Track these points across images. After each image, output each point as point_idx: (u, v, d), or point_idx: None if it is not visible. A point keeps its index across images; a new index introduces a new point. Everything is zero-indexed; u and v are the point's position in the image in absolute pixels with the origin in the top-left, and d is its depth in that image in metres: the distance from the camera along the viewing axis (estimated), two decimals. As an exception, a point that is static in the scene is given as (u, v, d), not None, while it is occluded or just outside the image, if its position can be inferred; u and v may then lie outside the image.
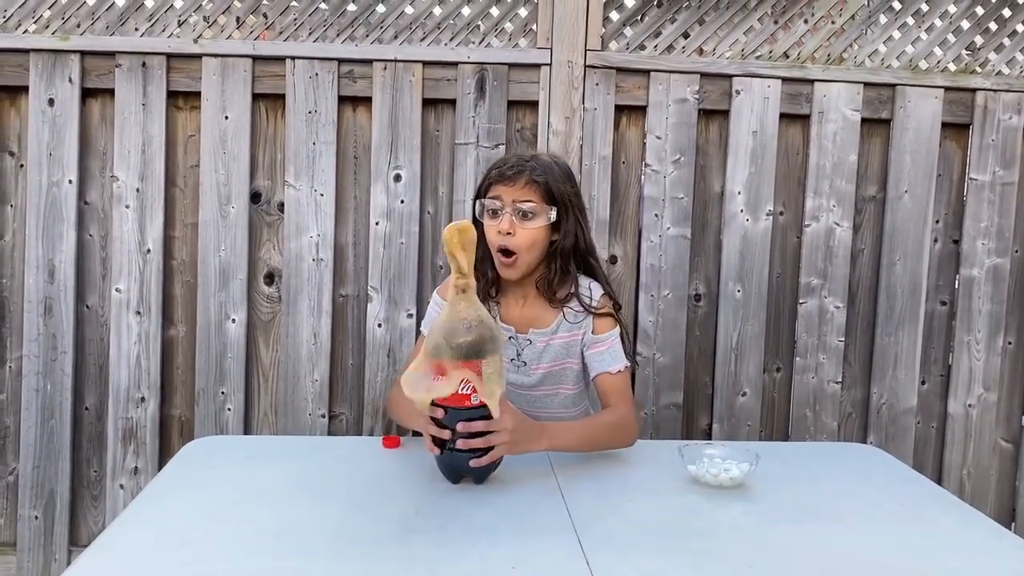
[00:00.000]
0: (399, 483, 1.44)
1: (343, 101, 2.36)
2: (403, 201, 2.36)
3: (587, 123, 2.36)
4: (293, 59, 2.32)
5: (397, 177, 2.35)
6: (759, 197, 2.41)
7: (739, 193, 2.41)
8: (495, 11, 2.36)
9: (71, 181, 2.32)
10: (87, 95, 2.34)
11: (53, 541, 2.37)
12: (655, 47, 2.39)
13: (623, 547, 1.21)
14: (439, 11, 2.35)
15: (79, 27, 2.31)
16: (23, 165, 2.35)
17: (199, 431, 2.35)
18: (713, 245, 2.45)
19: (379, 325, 2.38)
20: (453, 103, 2.36)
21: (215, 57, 2.31)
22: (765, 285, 2.43)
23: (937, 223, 2.49)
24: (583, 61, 2.34)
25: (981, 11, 2.44)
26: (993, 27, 2.45)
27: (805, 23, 2.42)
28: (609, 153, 2.37)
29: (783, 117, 2.41)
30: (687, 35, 2.40)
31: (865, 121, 2.43)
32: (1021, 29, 2.46)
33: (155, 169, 2.33)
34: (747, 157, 2.40)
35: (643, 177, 2.40)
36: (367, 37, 2.34)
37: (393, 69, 2.33)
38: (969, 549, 1.28)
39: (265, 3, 2.33)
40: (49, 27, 2.30)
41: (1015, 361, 2.54)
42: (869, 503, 1.44)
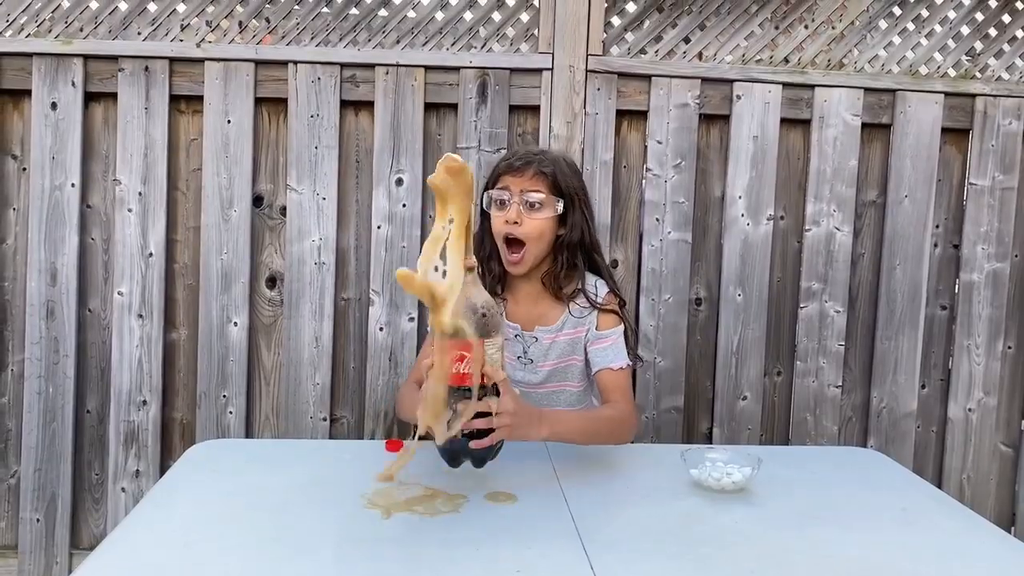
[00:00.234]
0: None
1: (345, 105, 2.36)
2: (405, 205, 2.36)
3: (588, 127, 2.36)
4: (295, 63, 2.33)
5: (399, 181, 2.36)
6: (760, 202, 2.42)
7: (740, 197, 2.41)
8: (497, 16, 2.36)
9: (74, 185, 2.32)
10: (90, 99, 2.34)
11: (54, 544, 2.37)
12: (656, 52, 2.40)
13: (627, 552, 1.21)
14: (441, 16, 2.36)
15: (82, 31, 2.31)
16: (26, 169, 2.35)
17: (200, 434, 2.36)
18: (714, 249, 2.46)
19: (381, 329, 2.38)
20: (455, 107, 2.37)
21: (218, 61, 2.32)
22: (766, 289, 2.44)
23: (937, 228, 2.50)
24: (584, 66, 2.34)
25: (981, 17, 2.46)
26: (993, 33, 2.46)
27: (805, 28, 2.43)
28: (610, 157, 2.37)
29: (784, 122, 2.42)
30: (688, 40, 2.41)
31: (865, 126, 2.44)
32: (1021, 35, 2.47)
33: (157, 173, 2.34)
34: (748, 162, 2.41)
35: (644, 181, 2.41)
36: (369, 42, 2.35)
37: (395, 74, 2.34)
38: (971, 553, 1.29)
39: (268, 7, 2.34)
40: (52, 31, 2.31)
41: (1015, 365, 2.55)
42: (871, 507, 1.44)
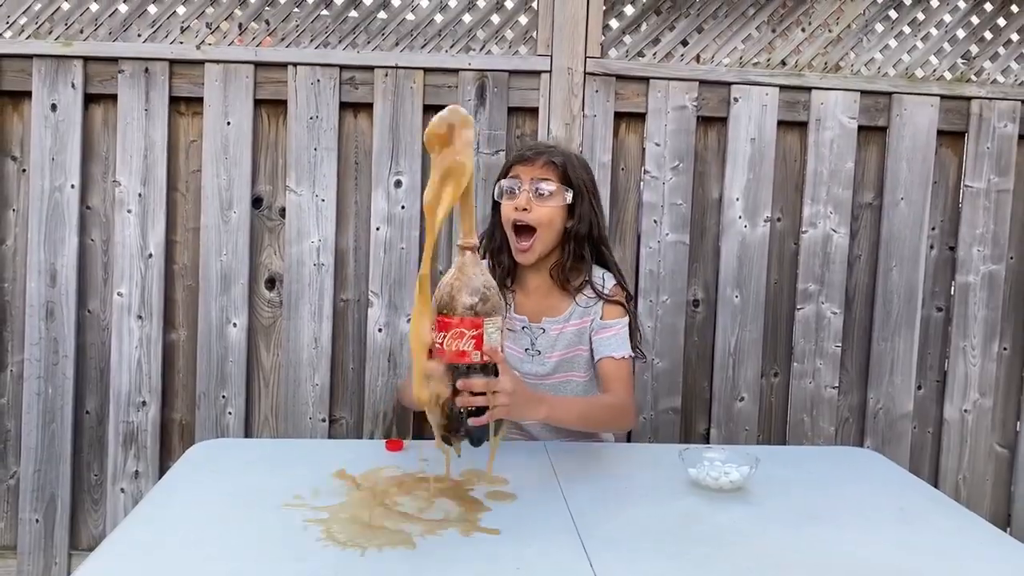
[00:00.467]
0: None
1: (344, 107, 2.37)
2: (404, 207, 2.37)
3: (587, 130, 2.37)
4: (295, 65, 2.34)
5: (398, 183, 2.37)
6: (757, 203, 2.43)
7: (737, 199, 2.43)
8: (495, 18, 2.38)
9: (73, 186, 2.33)
10: (90, 100, 2.35)
11: (53, 545, 2.37)
12: (654, 55, 2.41)
13: (626, 550, 1.22)
14: (440, 18, 2.37)
15: (82, 33, 2.32)
16: (25, 170, 2.36)
17: (200, 435, 2.36)
18: (711, 251, 2.47)
19: (380, 330, 2.39)
20: (454, 109, 2.38)
21: (217, 63, 2.33)
22: (763, 291, 2.45)
23: (933, 230, 2.51)
24: (583, 68, 2.36)
25: (976, 20, 2.47)
26: (988, 36, 2.48)
27: (802, 31, 2.44)
28: (608, 159, 2.39)
29: (781, 124, 2.43)
30: (686, 43, 2.42)
31: (862, 128, 2.45)
32: (1016, 38, 2.49)
33: (157, 174, 2.34)
34: (745, 164, 2.42)
35: (642, 183, 2.42)
36: (368, 44, 2.36)
37: (394, 76, 2.35)
38: (967, 552, 1.30)
39: (267, 10, 2.35)
40: (52, 33, 2.31)
41: (1010, 367, 2.56)
42: (868, 506, 1.46)
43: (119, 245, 2.35)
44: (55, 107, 2.31)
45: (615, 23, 2.40)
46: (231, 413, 2.38)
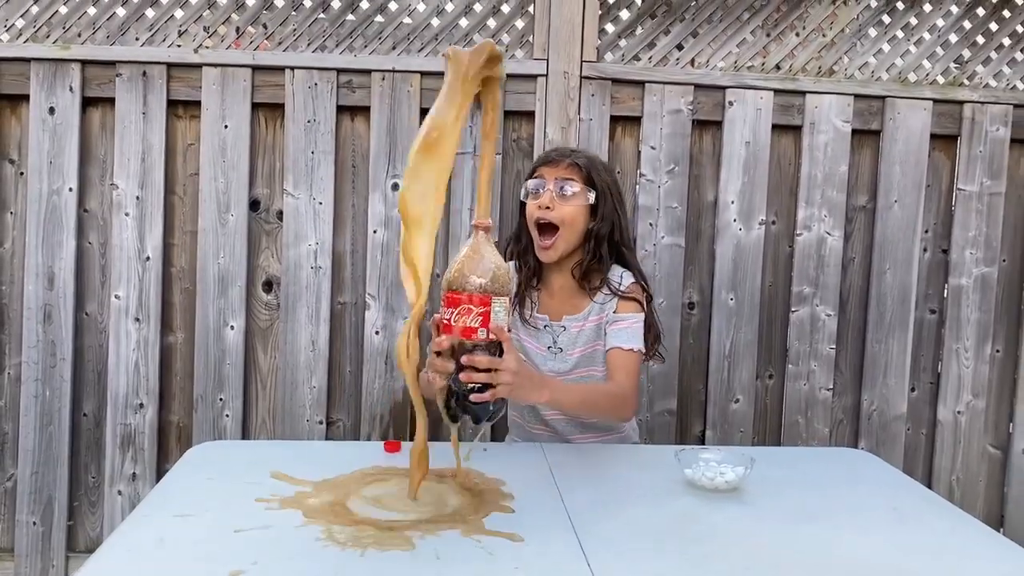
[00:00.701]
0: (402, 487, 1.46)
1: (342, 110, 2.39)
2: (401, 210, 2.38)
3: (583, 133, 2.39)
4: (292, 69, 2.35)
5: (395, 186, 2.38)
6: (752, 207, 2.45)
7: (732, 203, 2.44)
8: (492, 23, 2.39)
9: (71, 189, 2.33)
10: (87, 104, 2.36)
11: (51, 547, 2.37)
12: (650, 59, 2.43)
13: (623, 550, 1.23)
14: (437, 22, 2.38)
15: (80, 36, 2.33)
16: (23, 173, 2.36)
17: (197, 437, 2.37)
18: (706, 254, 2.49)
19: (377, 332, 2.40)
20: (451, 113, 2.39)
21: (215, 67, 2.34)
22: (758, 293, 2.47)
23: (926, 233, 2.54)
24: (579, 72, 2.37)
25: (969, 25, 2.50)
26: (980, 41, 2.50)
27: (797, 36, 2.46)
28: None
29: (775, 128, 2.45)
30: (681, 47, 2.44)
31: (855, 132, 2.48)
32: (1008, 43, 2.51)
33: (155, 177, 2.35)
34: (740, 167, 2.44)
35: (638, 187, 2.44)
36: (365, 48, 2.37)
37: (391, 79, 2.36)
38: (961, 551, 1.31)
39: (265, 14, 2.36)
40: (50, 37, 2.32)
41: (1003, 369, 2.58)
42: (862, 506, 1.47)
43: (117, 248, 2.35)
44: (53, 110, 2.32)
45: (611, 27, 2.42)
46: (228, 416, 2.39)
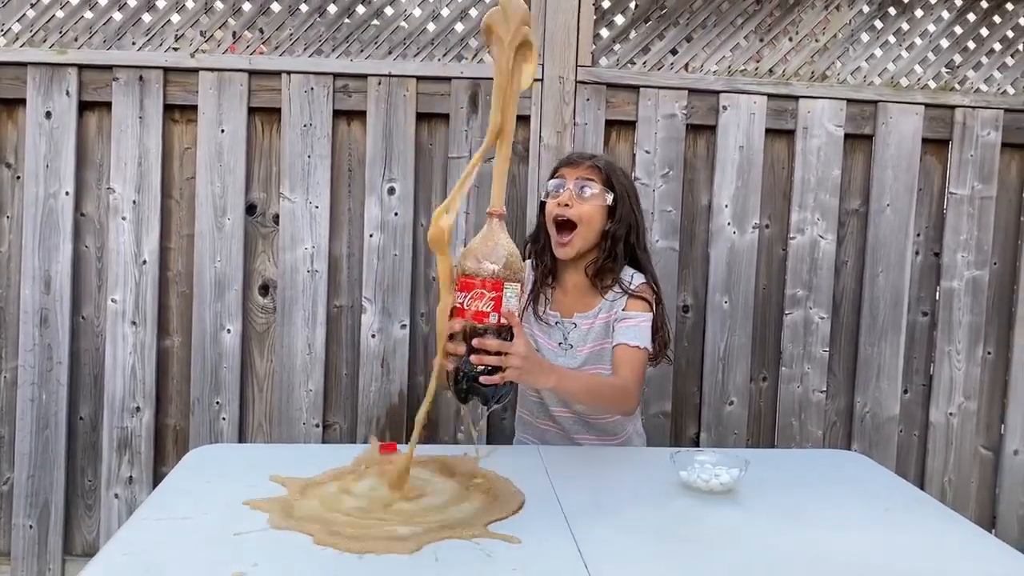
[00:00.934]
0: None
1: (338, 115, 2.40)
2: (397, 214, 2.40)
3: (578, 137, 2.40)
4: (289, 73, 2.36)
5: (391, 190, 2.39)
6: (745, 210, 2.47)
7: (726, 206, 2.46)
8: (488, 28, 2.40)
9: (68, 193, 2.34)
10: (84, 108, 2.37)
11: (47, 551, 2.37)
12: (644, 63, 2.45)
13: (619, 551, 1.25)
14: (432, 27, 2.40)
15: (76, 41, 2.34)
16: (19, 177, 2.37)
17: (194, 441, 2.37)
18: (701, 257, 2.50)
19: (373, 336, 2.41)
20: (446, 117, 2.41)
21: (212, 71, 2.35)
22: (751, 296, 2.48)
23: (918, 236, 2.56)
24: (574, 77, 2.39)
25: (960, 31, 2.52)
26: (971, 46, 2.53)
27: (790, 41, 2.48)
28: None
29: (768, 132, 2.47)
30: (675, 52, 2.46)
31: (848, 136, 2.50)
32: (998, 48, 2.54)
33: (151, 181, 2.36)
34: (734, 171, 2.46)
35: (632, 190, 2.45)
36: (362, 52, 2.39)
37: (387, 84, 2.37)
38: (952, 551, 1.33)
39: (261, 18, 2.37)
40: (47, 41, 2.33)
41: (994, 371, 2.61)
42: (854, 507, 1.48)
43: (113, 252, 2.36)
44: (49, 114, 2.33)
45: (606, 32, 2.44)
46: (225, 419, 2.39)
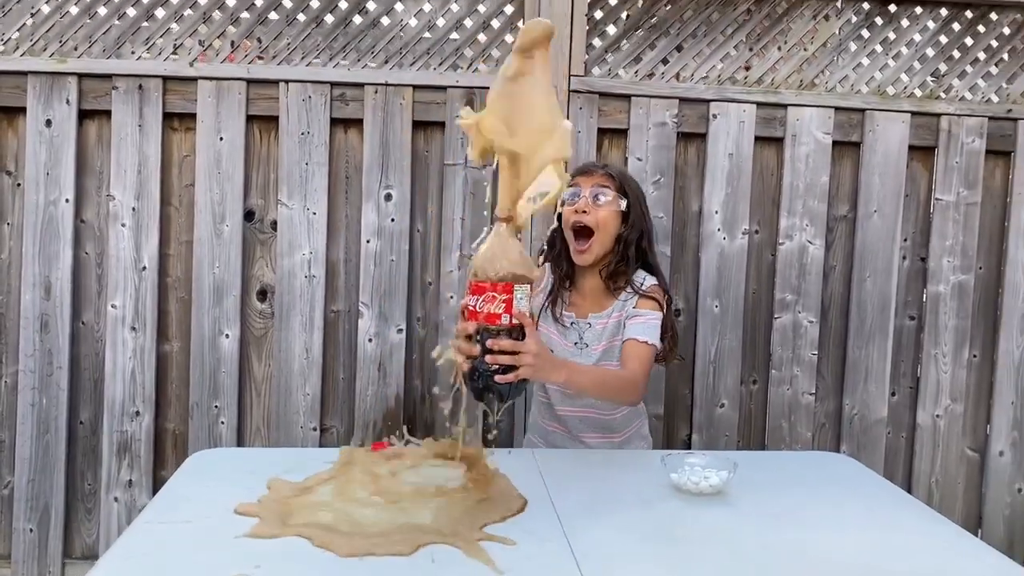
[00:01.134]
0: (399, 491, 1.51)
1: (335, 123, 2.43)
2: (393, 220, 2.43)
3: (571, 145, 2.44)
4: (287, 82, 2.40)
5: (388, 196, 2.43)
6: (735, 216, 2.51)
7: (716, 212, 2.51)
8: (482, 37, 2.45)
9: (68, 200, 2.37)
10: (84, 116, 2.40)
11: (47, 554, 2.40)
12: (636, 73, 2.49)
13: (611, 552, 1.29)
14: (428, 37, 2.43)
15: (76, 50, 2.37)
16: (20, 184, 2.40)
17: (193, 444, 2.41)
18: (692, 262, 2.55)
19: (370, 340, 2.45)
20: (442, 125, 2.45)
21: (210, 80, 2.38)
22: (741, 301, 2.53)
23: (905, 241, 2.60)
24: (567, 86, 2.43)
25: (945, 40, 2.57)
26: (956, 55, 2.58)
27: (778, 50, 2.53)
28: (592, 174, 2.45)
29: (758, 140, 2.52)
30: (666, 61, 2.50)
31: (836, 144, 2.54)
32: (983, 57, 2.59)
33: (151, 188, 2.39)
34: (724, 178, 2.50)
35: (625, 197, 2.49)
36: (359, 62, 2.42)
37: (384, 93, 2.41)
38: (933, 551, 1.37)
39: (259, 28, 2.40)
40: (47, 50, 2.36)
41: (980, 373, 2.65)
42: (839, 508, 1.53)
43: (113, 258, 2.39)
44: (50, 123, 2.36)
45: (598, 42, 2.48)
46: (224, 423, 2.43)
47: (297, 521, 1.34)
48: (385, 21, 2.43)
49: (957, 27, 2.57)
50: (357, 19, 2.42)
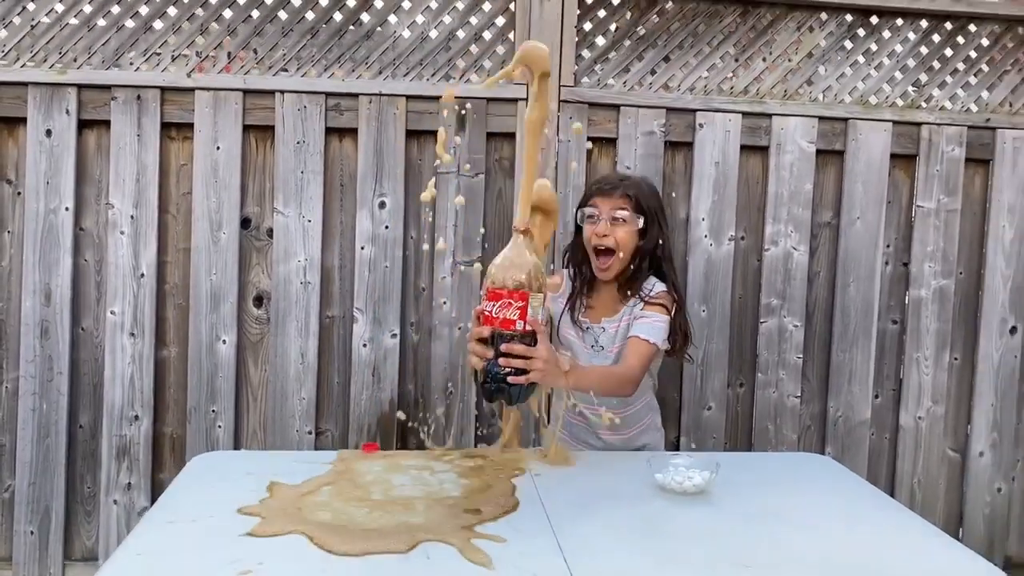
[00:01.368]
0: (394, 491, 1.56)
1: (330, 132, 2.49)
2: (387, 227, 2.49)
3: (561, 154, 2.51)
4: (282, 93, 2.45)
5: (382, 204, 2.48)
6: (722, 223, 2.57)
7: (703, 219, 2.57)
8: (474, 48, 2.50)
9: (68, 208, 2.41)
10: (83, 126, 2.44)
11: (48, 556, 2.44)
12: (624, 83, 2.55)
13: (598, 548, 1.34)
14: (421, 48, 2.49)
15: (76, 61, 2.41)
16: (20, 193, 2.44)
17: (191, 448, 2.45)
18: (679, 268, 2.58)
19: (364, 345, 2.50)
20: (435, 134, 2.49)
21: (207, 91, 2.43)
22: (728, 306, 2.59)
23: (887, 247, 2.67)
24: (557, 96, 2.48)
25: (925, 51, 2.64)
26: (937, 66, 2.65)
27: (763, 61, 2.59)
28: (582, 182, 2.51)
29: (743, 148, 2.58)
30: (654, 72, 2.56)
31: (820, 152, 2.61)
32: (962, 67, 2.66)
33: (149, 197, 2.44)
34: (710, 186, 2.56)
35: (614, 204, 2.55)
36: (353, 72, 2.48)
37: (378, 102, 2.46)
38: (906, 548, 1.43)
39: (255, 39, 2.46)
40: (47, 61, 2.40)
41: (961, 376, 2.72)
42: (817, 506, 1.59)
43: (112, 265, 2.44)
44: (50, 133, 2.40)
45: (587, 53, 2.54)
46: (221, 427, 2.47)
47: (297, 520, 1.39)
48: (379, 32, 2.48)
49: (937, 38, 2.64)
50: (351, 30, 2.47)
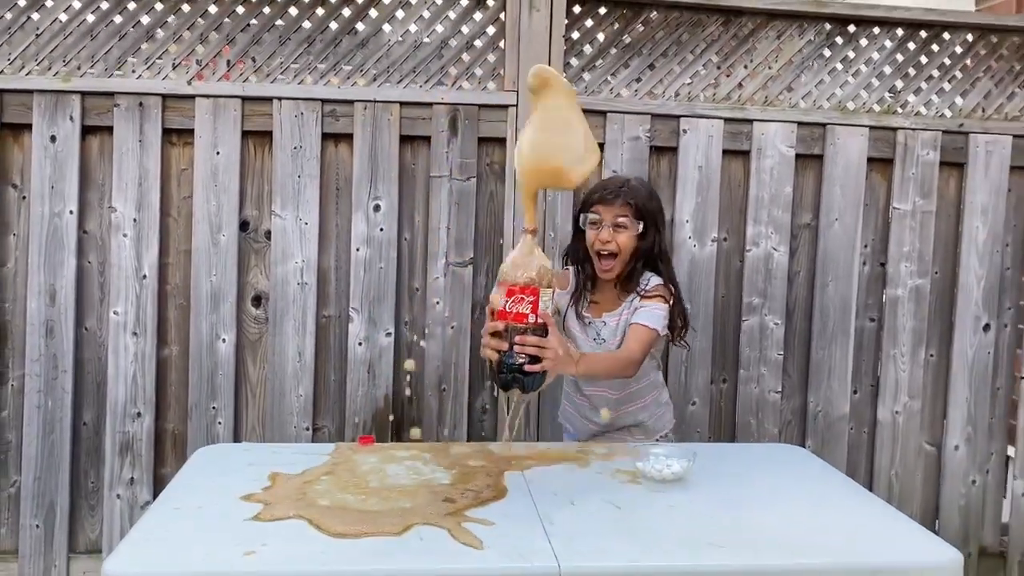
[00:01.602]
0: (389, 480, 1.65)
1: (326, 137, 2.57)
2: (382, 229, 2.57)
3: (550, 158, 2.58)
4: (280, 100, 2.53)
5: (376, 207, 2.57)
6: (705, 225, 2.66)
7: (687, 221, 2.66)
8: (466, 57, 2.59)
9: (72, 212, 2.49)
10: (87, 132, 2.51)
11: (53, 549, 2.52)
12: (611, 90, 2.64)
13: (581, 531, 1.43)
14: (415, 56, 2.57)
15: (79, 69, 2.49)
16: (26, 197, 2.51)
17: (192, 444, 2.52)
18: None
19: (360, 344, 2.58)
20: (428, 140, 2.58)
21: (207, 98, 2.51)
22: (711, 304, 2.68)
23: (865, 248, 2.76)
24: (546, 103, 2.56)
25: (901, 58, 2.73)
26: (912, 72, 2.74)
27: (745, 68, 2.68)
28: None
29: (726, 153, 2.67)
30: (639, 79, 2.65)
31: (799, 156, 2.70)
32: (936, 74, 2.75)
33: (151, 200, 2.52)
34: (694, 189, 2.65)
35: (601, 207, 2.64)
36: (348, 80, 2.56)
37: (373, 109, 2.55)
38: (869, 528, 1.53)
39: (254, 48, 2.53)
40: (52, 69, 2.48)
41: (936, 371, 2.81)
42: (788, 493, 1.68)
43: (115, 267, 2.51)
44: (54, 138, 2.48)
45: (575, 61, 2.62)
46: (221, 423, 2.55)
47: (298, 506, 1.47)
48: (373, 41, 2.56)
49: (912, 46, 2.73)
50: (346, 39, 2.55)
